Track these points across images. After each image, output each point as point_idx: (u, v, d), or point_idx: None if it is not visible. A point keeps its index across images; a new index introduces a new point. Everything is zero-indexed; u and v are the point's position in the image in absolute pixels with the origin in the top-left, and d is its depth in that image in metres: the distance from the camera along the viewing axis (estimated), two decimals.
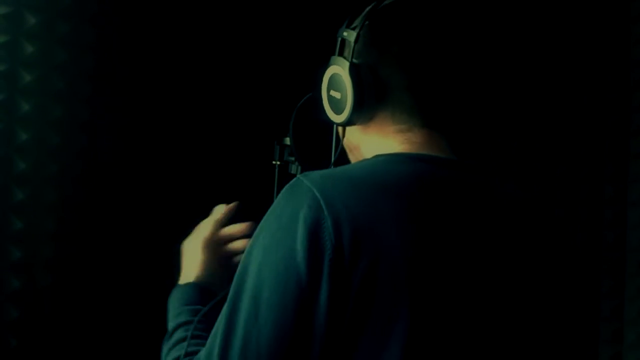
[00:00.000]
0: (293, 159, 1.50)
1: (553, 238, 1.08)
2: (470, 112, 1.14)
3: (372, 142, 1.11)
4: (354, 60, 1.08)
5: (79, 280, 1.92)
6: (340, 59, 1.09)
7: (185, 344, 1.09)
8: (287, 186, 0.97)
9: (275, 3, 2.29)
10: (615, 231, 2.30)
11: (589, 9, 2.35)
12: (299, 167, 1.47)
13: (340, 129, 1.18)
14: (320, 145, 1.29)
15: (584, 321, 1.15)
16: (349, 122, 1.10)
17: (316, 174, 0.97)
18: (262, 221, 0.97)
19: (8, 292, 1.80)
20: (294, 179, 0.97)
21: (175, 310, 1.24)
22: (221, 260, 1.33)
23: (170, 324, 1.21)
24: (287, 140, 1.48)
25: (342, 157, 1.22)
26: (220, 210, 1.37)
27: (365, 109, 1.08)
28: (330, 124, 1.18)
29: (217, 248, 1.34)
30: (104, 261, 1.98)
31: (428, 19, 1.10)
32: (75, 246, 1.92)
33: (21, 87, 1.81)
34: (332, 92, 1.11)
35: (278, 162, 1.54)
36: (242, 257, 0.98)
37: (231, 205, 1.38)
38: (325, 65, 1.14)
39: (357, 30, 1.09)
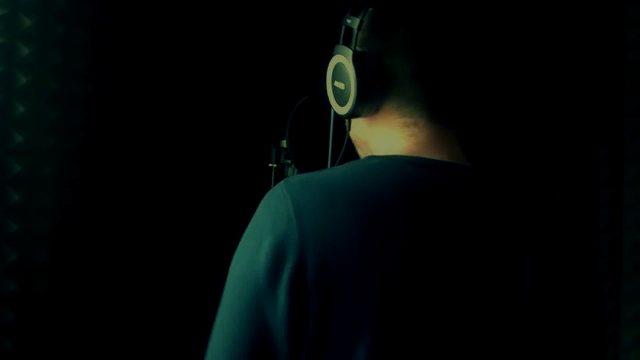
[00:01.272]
0: (289, 161, 1.50)
1: (563, 255, 0.99)
2: (480, 107, 1.08)
3: (379, 135, 1.05)
4: (358, 49, 1.03)
5: (74, 282, 1.92)
6: (344, 48, 1.04)
7: None
8: (268, 192, 0.94)
9: (272, 8, 2.29)
10: (611, 234, 2.30)
11: (585, 14, 2.36)
12: (295, 170, 1.47)
13: (346, 122, 1.12)
14: (317, 147, 1.29)
15: (596, 331, 1.05)
16: (353, 114, 1.05)
17: (296, 179, 0.93)
18: (248, 225, 0.95)
19: (4, 294, 1.80)
20: (277, 184, 0.94)
21: None
22: None
23: None
24: (284, 143, 1.48)
25: (350, 153, 1.19)
26: None
27: (369, 99, 1.03)
28: (329, 119, 1.15)
29: None
30: (100, 263, 1.97)
31: (435, 5, 1.05)
32: (71, 248, 1.91)
33: (16, 89, 1.81)
34: (336, 83, 1.06)
35: (275, 165, 1.54)
36: None
37: None
38: (326, 60, 1.10)
39: (360, 16, 1.04)
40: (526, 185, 2.44)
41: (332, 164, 1.19)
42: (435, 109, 1.02)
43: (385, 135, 1.04)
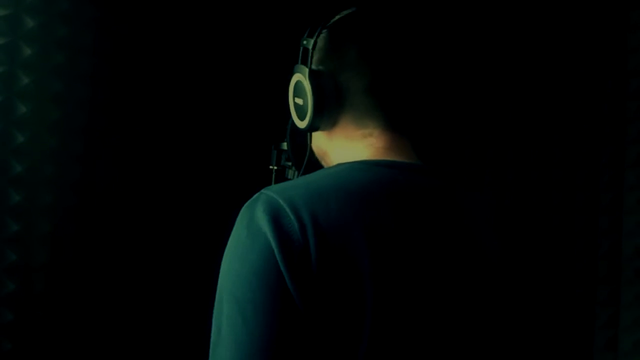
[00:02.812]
0: (290, 164, 1.50)
1: (513, 240, 1.08)
2: (435, 114, 1.15)
3: (339, 147, 1.13)
4: (314, 67, 1.12)
5: (74, 283, 1.92)
6: (301, 67, 1.13)
7: None
8: (249, 201, 0.99)
9: (273, 9, 2.29)
10: (611, 239, 2.30)
11: (587, 17, 2.36)
12: (296, 172, 1.47)
13: (308, 135, 1.20)
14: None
15: (539, 322, 1.13)
16: (312, 128, 1.13)
17: (278, 186, 1.00)
18: (231, 237, 0.98)
19: (3, 294, 1.80)
20: (256, 194, 0.99)
21: None
22: None
23: None
24: (284, 145, 1.48)
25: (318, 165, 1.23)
26: None
27: (326, 114, 1.11)
28: (299, 131, 1.21)
29: None
30: (100, 264, 1.98)
31: (385, 23, 1.12)
32: (71, 249, 1.92)
33: (19, 90, 1.81)
34: (296, 99, 1.15)
35: (275, 167, 1.54)
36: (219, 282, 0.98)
37: None
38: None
39: (314, 37, 1.13)
40: (526, 190, 2.44)
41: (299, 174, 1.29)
42: (389, 120, 1.10)
43: (345, 146, 1.12)
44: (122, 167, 2.02)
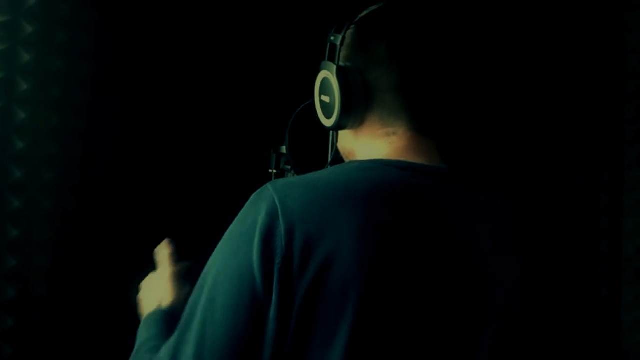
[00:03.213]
0: (289, 167, 1.50)
1: (534, 248, 1.03)
2: (463, 116, 1.11)
3: (364, 146, 1.09)
4: (342, 64, 1.08)
5: (74, 288, 1.92)
6: (329, 63, 1.09)
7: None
8: (255, 193, 0.98)
9: (272, 12, 2.30)
10: (611, 240, 2.30)
11: (585, 19, 2.36)
12: (295, 176, 1.47)
13: (332, 134, 1.17)
14: (317, 153, 1.29)
15: (568, 329, 1.08)
16: (338, 126, 1.10)
17: (282, 181, 0.98)
18: (231, 225, 0.98)
19: (3, 300, 1.80)
20: (263, 186, 0.98)
21: (145, 335, 1.23)
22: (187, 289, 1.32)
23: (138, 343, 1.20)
24: (284, 149, 1.48)
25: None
26: (165, 249, 1.39)
27: (353, 112, 1.07)
28: (325, 130, 1.18)
29: (181, 279, 1.34)
30: (100, 269, 1.97)
31: (415, 20, 1.09)
32: (71, 254, 1.92)
33: (18, 95, 1.82)
34: (323, 97, 1.11)
35: (274, 171, 1.54)
36: (209, 260, 0.99)
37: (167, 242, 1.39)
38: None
39: (342, 33, 1.09)
40: (526, 191, 2.44)
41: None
42: (415, 120, 1.06)
43: (369, 145, 1.08)
44: (121, 171, 2.02)
